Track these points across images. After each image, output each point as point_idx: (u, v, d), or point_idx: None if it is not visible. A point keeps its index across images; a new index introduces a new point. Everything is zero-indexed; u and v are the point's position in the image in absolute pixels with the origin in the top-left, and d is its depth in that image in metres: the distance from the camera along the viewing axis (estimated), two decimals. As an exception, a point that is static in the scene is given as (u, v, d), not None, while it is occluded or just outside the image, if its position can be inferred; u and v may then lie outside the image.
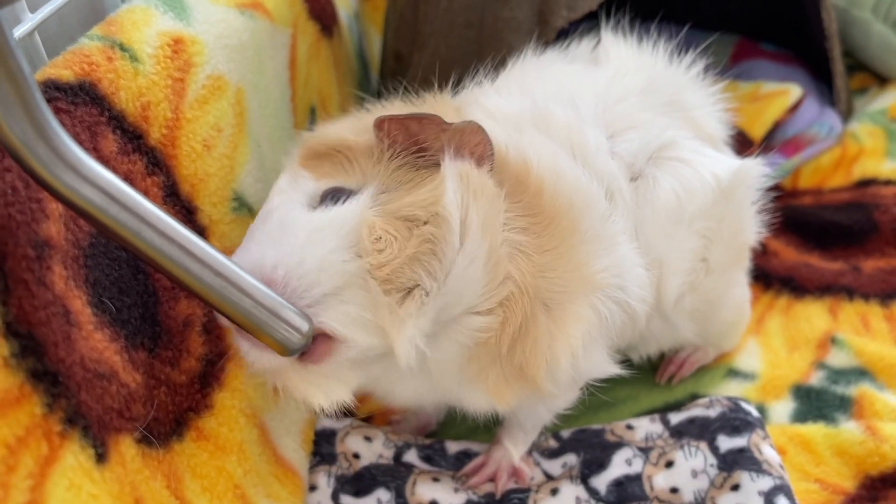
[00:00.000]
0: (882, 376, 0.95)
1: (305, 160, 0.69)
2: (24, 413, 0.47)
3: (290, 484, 0.77)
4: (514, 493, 0.84)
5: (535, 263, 0.67)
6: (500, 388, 0.73)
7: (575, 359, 0.72)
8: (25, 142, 0.46)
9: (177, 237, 0.51)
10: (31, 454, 0.46)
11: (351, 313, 0.60)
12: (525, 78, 0.88)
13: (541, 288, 0.68)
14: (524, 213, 0.68)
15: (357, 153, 0.67)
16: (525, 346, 0.69)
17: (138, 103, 0.65)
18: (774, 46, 1.58)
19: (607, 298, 0.73)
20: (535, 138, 0.74)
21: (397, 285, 0.60)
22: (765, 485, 0.78)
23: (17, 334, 0.47)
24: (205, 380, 0.68)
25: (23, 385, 0.47)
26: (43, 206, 0.52)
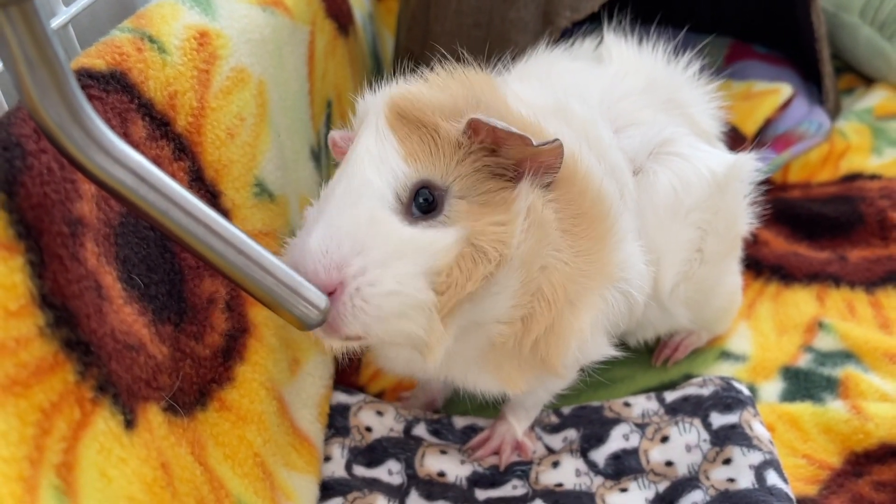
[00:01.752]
0: (867, 359, 0.95)
1: (393, 119, 0.65)
2: (58, 380, 0.47)
3: (307, 454, 0.77)
4: (518, 465, 0.84)
5: (570, 271, 0.67)
6: (514, 375, 0.73)
7: (583, 344, 0.72)
8: (61, 125, 0.46)
9: (203, 217, 0.51)
10: (65, 419, 0.46)
11: (406, 330, 0.60)
12: (539, 72, 0.87)
13: (571, 290, 0.68)
14: (570, 214, 0.68)
15: (445, 142, 0.64)
16: (549, 341, 0.69)
17: (166, 92, 0.65)
18: (766, 48, 1.57)
19: (615, 290, 0.73)
20: (566, 133, 0.72)
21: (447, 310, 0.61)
22: (755, 459, 0.77)
23: (51, 306, 0.47)
24: (227, 354, 0.68)
25: (57, 353, 0.47)
26: (76, 186, 0.52)
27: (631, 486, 0.79)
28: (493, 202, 0.63)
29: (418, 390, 0.95)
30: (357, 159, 0.63)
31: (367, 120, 0.66)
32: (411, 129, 0.64)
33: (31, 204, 0.48)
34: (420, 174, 0.62)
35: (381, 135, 0.64)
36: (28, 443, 0.43)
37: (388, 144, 0.63)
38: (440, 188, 0.62)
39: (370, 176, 0.61)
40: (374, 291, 0.57)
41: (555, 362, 0.70)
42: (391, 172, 0.62)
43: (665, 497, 0.78)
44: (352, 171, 0.62)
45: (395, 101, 0.65)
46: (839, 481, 0.81)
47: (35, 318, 0.46)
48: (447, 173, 0.63)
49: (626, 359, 0.97)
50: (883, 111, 1.41)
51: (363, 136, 0.64)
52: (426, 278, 0.59)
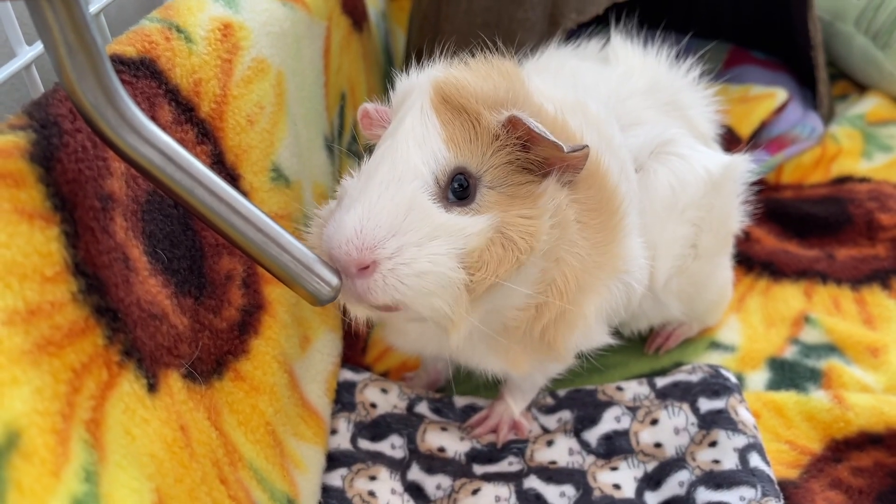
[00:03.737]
0: (850, 352, 0.97)
1: (437, 103, 0.66)
2: (88, 343, 0.49)
3: (315, 426, 0.79)
4: (514, 443, 0.86)
5: (584, 263, 0.69)
6: (520, 358, 0.75)
7: (586, 331, 0.74)
8: (96, 106, 0.47)
9: (225, 196, 0.53)
10: (94, 379, 0.49)
11: (435, 306, 0.61)
12: (550, 67, 0.89)
13: (583, 281, 0.70)
14: (588, 208, 0.69)
15: (484, 131, 0.65)
16: (557, 328, 0.71)
17: (191, 79, 0.67)
18: (764, 54, 1.58)
19: (619, 281, 0.75)
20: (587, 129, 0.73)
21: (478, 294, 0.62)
22: (739, 442, 0.79)
23: (84, 274, 0.49)
24: (243, 328, 0.70)
25: (88, 318, 0.49)
26: (108, 164, 0.54)
27: (621, 465, 0.81)
28: (520, 195, 0.65)
29: (422, 371, 0.97)
30: (401, 140, 0.64)
31: (411, 98, 0.67)
32: (454, 114, 0.65)
33: (66, 179, 0.50)
34: (458, 160, 0.63)
35: (425, 116, 0.65)
36: (60, 399, 0.45)
37: (430, 126, 0.64)
38: (474, 176, 0.64)
39: (414, 159, 0.62)
40: (407, 271, 0.59)
41: (560, 347, 0.73)
42: (432, 155, 0.63)
43: (653, 476, 0.80)
44: (395, 151, 0.63)
45: (441, 84, 0.66)
46: (819, 466, 0.83)
47: (68, 285, 0.48)
48: (482, 162, 0.64)
49: (620, 347, 0.99)
50: (874, 117, 1.42)
51: (409, 116, 0.65)
52: (458, 259, 0.61)
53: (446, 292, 0.61)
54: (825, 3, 1.54)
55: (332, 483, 0.78)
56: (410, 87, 0.69)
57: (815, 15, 1.36)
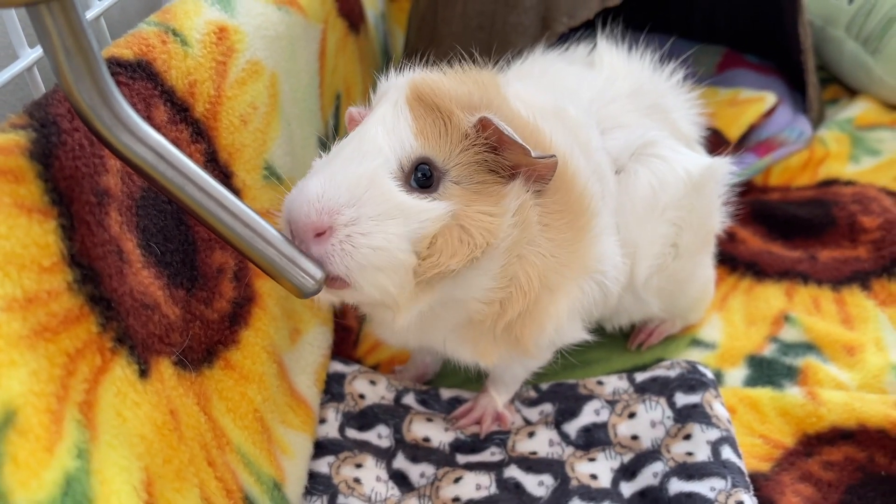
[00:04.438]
0: (827, 351, 0.99)
1: (412, 100, 0.68)
2: (83, 329, 0.52)
3: (303, 414, 0.82)
4: (497, 434, 0.89)
5: (548, 262, 0.71)
6: (488, 349, 0.77)
7: (559, 328, 0.77)
8: (92, 107, 0.50)
9: (214, 193, 0.56)
10: (87, 363, 0.52)
11: (381, 283, 0.63)
12: (534, 72, 0.91)
13: (549, 279, 0.72)
14: (553, 210, 0.72)
15: (454, 129, 0.67)
16: (523, 324, 0.74)
17: (186, 81, 0.70)
18: (758, 58, 1.60)
19: (591, 280, 0.78)
20: (562, 134, 0.76)
21: (425, 280, 0.64)
22: (713, 435, 0.82)
23: (79, 265, 0.52)
24: (233, 319, 0.73)
25: (82, 306, 0.52)
26: (104, 161, 0.57)
27: (599, 456, 0.84)
28: (486, 192, 0.67)
29: (410, 364, 1.00)
30: (371, 124, 0.66)
31: (387, 95, 0.70)
32: (427, 110, 0.68)
33: (63, 175, 0.53)
34: (424, 151, 0.66)
35: (398, 109, 0.67)
36: (55, 381, 0.48)
37: (402, 118, 0.67)
38: (439, 169, 0.66)
39: (380, 140, 0.65)
40: (363, 242, 0.61)
41: (527, 343, 0.75)
42: (399, 142, 0.65)
43: (629, 467, 0.83)
44: (364, 133, 0.66)
45: (417, 83, 0.68)
46: (791, 460, 0.85)
47: (64, 275, 0.51)
48: (449, 157, 0.66)
49: (602, 343, 1.02)
50: (863, 121, 1.44)
51: (382, 107, 0.68)
52: (410, 242, 0.62)
53: (394, 272, 0.63)
54: (817, 9, 1.56)
55: (319, 469, 0.81)
56: (388, 87, 0.72)
57: (806, 20, 1.39)
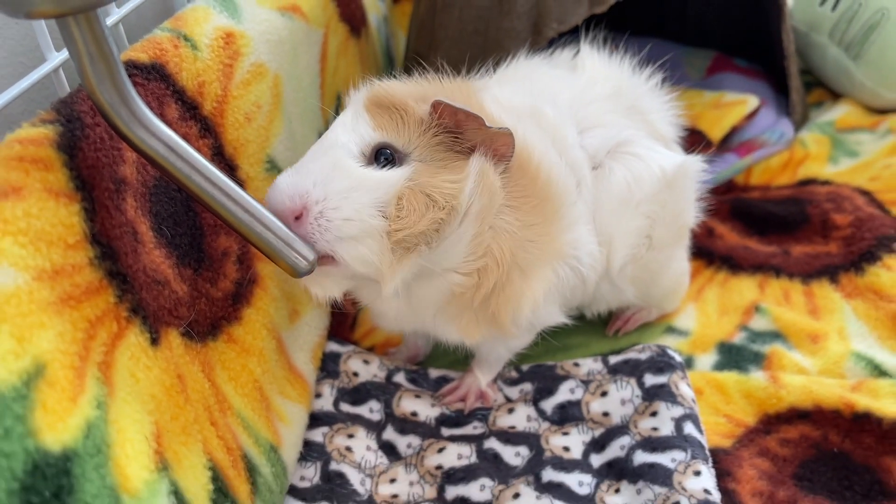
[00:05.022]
0: (793, 339, 1.05)
1: (370, 105, 0.74)
2: (101, 300, 0.59)
3: (300, 388, 0.89)
4: (480, 410, 0.95)
5: (517, 239, 0.77)
6: (470, 327, 0.83)
7: (536, 309, 0.83)
8: (112, 105, 0.57)
9: (218, 182, 0.63)
10: (106, 329, 0.59)
11: (361, 253, 0.69)
12: (517, 76, 0.98)
13: (519, 257, 0.78)
14: (519, 195, 0.77)
15: (411, 119, 0.73)
16: (499, 300, 0.79)
17: (196, 82, 0.77)
18: (746, 62, 1.66)
19: (565, 265, 0.84)
20: (535, 132, 0.83)
21: (402, 245, 0.69)
22: (677, 412, 0.88)
23: (99, 243, 0.59)
24: (236, 297, 0.80)
25: (102, 280, 0.59)
26: (122, 153, 0.64)
27: (572, 430, 0.91)
28: (449, 167, 0.73)
29: (403, 347, 1.07)
30: (332, 128, 0.74)
31: (348, 105, 0.77)
32: (383, 110, 0.74)
33: (86, 165, 0.60)
34: (384, 138, 0.72)
35: (357, 113, 0.74)
36: (78, 343, 0.55)
37: (361, 119, 0.73)
38: (401, 152, 0.72)
39: (341, 137, 0.72)
40: (336, 215, 0.67)
41: (504, 320, 0.81)
42: (359, 136, 0.72)
43: (599, 441, 0.89)
44: (326, 134, 0.73)
45: (374, 90, 0.76)
46: (751, 437, 0.91)
47: (87, 251, 0.58)
48: (410, 142, 0.72)
49: (582, 328, 1.09)
50: (843, 124, 1.50)
51: (342, 114, 0.76)
52: (377, 208, 0.68)
53: (370, 239, 0.68)
54: (802, 16, 1.62)
55: (314, 439, 0.88)
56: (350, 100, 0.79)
57: (789, 27, 1.45)
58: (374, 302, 0.83)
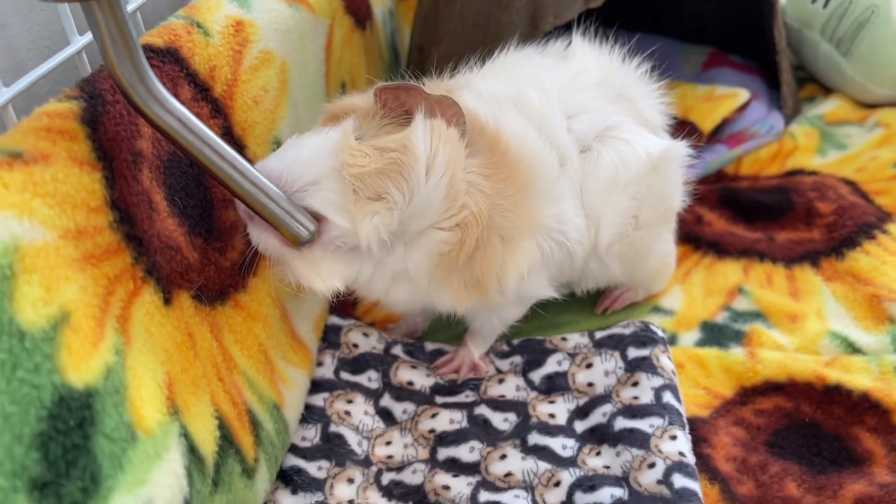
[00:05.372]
0: (773, 318, 1.10)
1: (325, 121, 0.82)
2: (119, 260, 0.64)
3: (302, 354, 0.94)
4: (472, 381, 1.01)
5: (492, 202, 0.81)
6: (461, 293, 0.88)
7: (521, 281, 0.88)
8: (131, 83, 0.63)
9: (227, 156, 0.68)
10: (123, 287, 0.64)
11: (328, 198, 0.74)
12: (508, 66, 1.03)
13: (498, 224, 0.82)
14: (490, 168, 0.82)
15: (360, 113, 0.80)
16: (482, 262, 0.84)
17: (207, 66, 0.82)
18: (741, 58, 1.71)
19: (550, 238, 0.89)
20: (512, 114, 0.88)
21: (368, 190, 0.74)
22: (656, 383, 0.93)
23: (118, 208, 0.65)
24: (243, 267, 0.85)
25: (120, 242, 0.65)
26: (139, 128, 0.70)
27: (558, 399, 0.96)
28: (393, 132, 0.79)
29: (402, 323, 1.12)
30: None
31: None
32: (337, 119, 0.82)
33: (107, 137, 0.66)
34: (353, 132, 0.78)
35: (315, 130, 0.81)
36: (98, 297, 0.60)
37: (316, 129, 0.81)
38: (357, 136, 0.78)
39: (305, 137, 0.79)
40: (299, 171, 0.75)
41: (487, 285, 0.85)
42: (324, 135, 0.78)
43: (583, 409, 0.94)
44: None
45: (328, 110, 0.84)
46: (727, 407, 0.96)
47: (106, 216, 0.64)
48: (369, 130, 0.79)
49: (572, 307, 1.14)
50: (833, 117, 1.55)
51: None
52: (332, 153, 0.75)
53: (329, 181, 0.75)
54: (795, 13, 1.67)
55: (315, 403, 0.94)
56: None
57: (781, 23, 1.49)
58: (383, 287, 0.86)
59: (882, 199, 1.31)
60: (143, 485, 0.56)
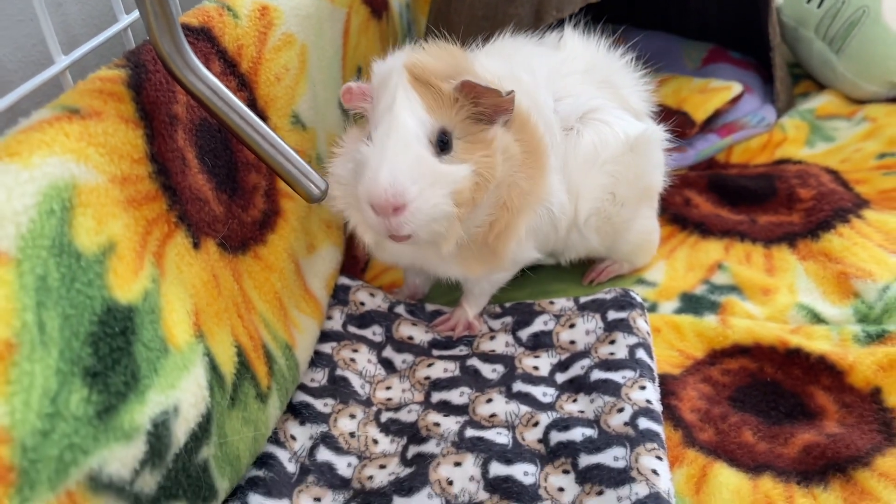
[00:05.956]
0: (747, 291, 1.19)
1: (413, 81, 0.89)
2: (156, 205, 0.75)
3: (313, 305, 1.05)
4: (466, 338, 1.11)
5: (522, 189, 0.93)
6: (473, 265, 0.99)
7: (518, 245, 0.99)
8: (170, 55, 0.73)
9: (250, 121, 0.79)
10: (159, 229, 0.75)
11: (436, 231, 0.86)
12: (505, 49, 1.13)
13: (517, 201, 0.94)
14: (525, 149, 0.94)
15: (445, 98, 0.88)
16: (500, 240, 0.96)
17: (236, 45, 0.93)
18: (741, 54, 1.79)
19: (542, 208, 1.00)
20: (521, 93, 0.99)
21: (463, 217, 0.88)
22: (632, 341, 1.03)
23: (156, 161, 0.76)
24: (263, 224, 0.96)
25: (157, 191, 0.76)
26: (175, 95, 0.81)
27: (542, 354, 1.06)
28: (478, 140, 0.90)
29: (404, 286, 1.22)
30: (398, 109, 0.86)
31: (393, 79, 0.90)
32: (424, 88, 0.89)
33: (148, 101, 0.76)
34: (438, 123, 0.88)
35: (408, 91, 0.88)
36: (139, 234, 0.71)
37: (413, 99, 0.88)
38: (448, 132, 0.89)
39: (411, 126, 0.85)
40: (427, 206, 0.84)
41: (502, 254, 0.98)
42: (421, 122, 0.86)
43: (564, 363, 1.04)
44: (396, 118, 0.86)
45: (410, 67, 0.90)
46: (697, 367, 1.05)
47: (147, 167, 0.74)
48: (451, 120, 0.89)
49: (562, 277, 1.24)
50: (823, 112, 1.62)
51: (398, 92, 0.87)
52: (451, 197, 0.86)
53: (445, 220, 0.86)
54: (791, 12, 1.74)
55: (324, 350, 1.04)
56: (387, 69, 0.93)
57: (775, 21, 1.58)
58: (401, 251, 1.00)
59: (862, 187, 1.39)
60: (174, 389, 0.67)
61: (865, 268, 1.16)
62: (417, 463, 0.90)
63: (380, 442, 0.95)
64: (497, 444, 0.91)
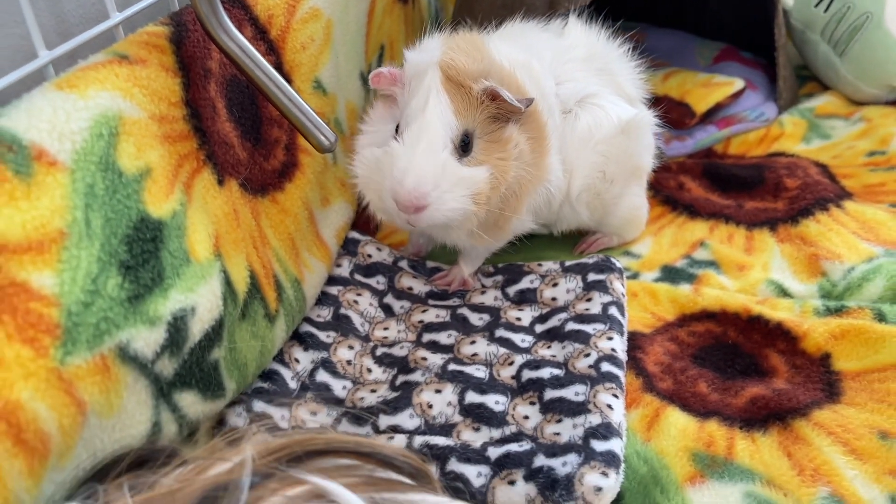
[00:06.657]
0: (724, 266, 1.28)
1: (445, 82, 0.98)
2: (188, 143, 0.88)
3: (324, 251, 1.17)
4: (460, 292, 1.23)
5: (531, 173, 1.05)
6: (477, 237, 1.11)
7: (518, 218, 1.10)
8: (208, 17, 0.86)
9: (273, 78, 0.91)
10: (189, 164, 0.88)
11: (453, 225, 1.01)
12: (514, 34, 1.24)
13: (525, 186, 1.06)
14: (530, 136, 1.05)
15: (471, 99, 0.98)
16: (505, 217, 1.07)
17: (266, 14, 1.06)
18: (751, 54, 1.88)
19: (542, 187, 1.11)
20: (528, 80, 1.10)
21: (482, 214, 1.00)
22: (606, 300, 1.13)
23: (190, 106, 0.88)
24: (281, 174, 1.09)
25: (189, 131, 0.88)
26: (210, 52, 0.94)
27: (526, 308, 1.17)
28: (496, 140, 1.01)
29: (409, 245, 1.34)
30: (429, 114, 0.96)
31: (427, 77, 0.98)
32: (455, 88, 1.00)
33: (187, 55, 0.89)
34: (463, 125, 0.99)
35: (440, 95, 0.97)
36: (172, 165, 0.84)
37: (444, 102, 0.97)
38: (470, 134, 1.00)
39: (438, 130, 0.95)
40: (444, 208, 0.95)
41: (506, 229, 1.11)
42: (448, 126, 0.96)
43: (544, 316, 1.15)
44: (427, 123, 0.96)
45: (444, 68, 0.99)
46: (666, 328, 1.16)
47: (182, 110, 0.87)
48: (474, 120, 1.00)
49: (554, 246, 1.35)
50: (822, 111, 1.70)
51: (431, 95, 0.97)
52: (471, 198, 0.98)
53: (465, 218, 0.99)
54: (800, 15, 1.82)
55: (330, 292, 1.17)
56: (422, 61, 1.03)
57: (781, 21, 1.66)
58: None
59: (848, 181, 1.47)
60: (192, 293, 0.80)
61: (836, 251, 1.25)
62: (403, 389, 1.02)
63: (373, 371, 1.07)
64: (475, 377, 1.02)
